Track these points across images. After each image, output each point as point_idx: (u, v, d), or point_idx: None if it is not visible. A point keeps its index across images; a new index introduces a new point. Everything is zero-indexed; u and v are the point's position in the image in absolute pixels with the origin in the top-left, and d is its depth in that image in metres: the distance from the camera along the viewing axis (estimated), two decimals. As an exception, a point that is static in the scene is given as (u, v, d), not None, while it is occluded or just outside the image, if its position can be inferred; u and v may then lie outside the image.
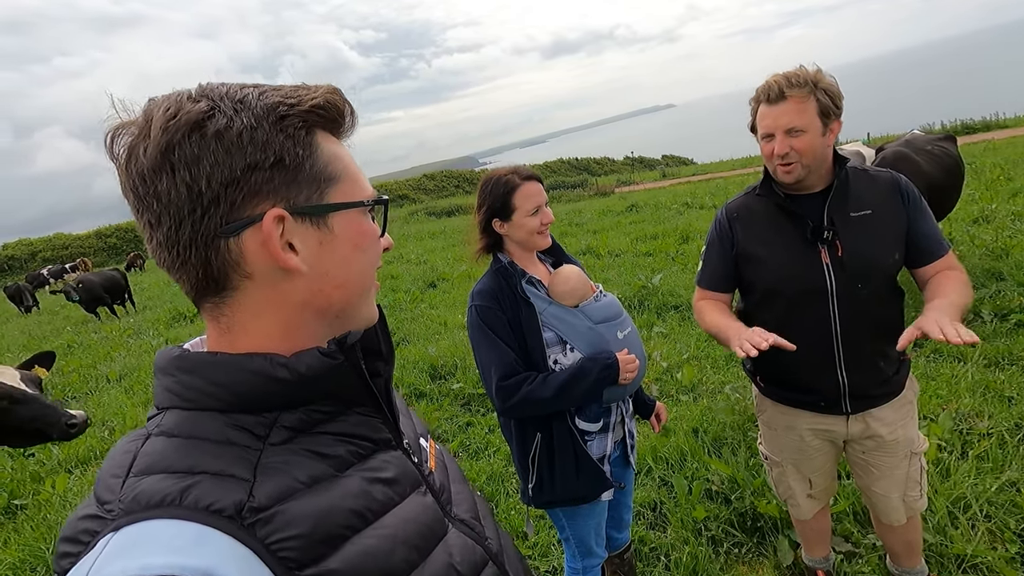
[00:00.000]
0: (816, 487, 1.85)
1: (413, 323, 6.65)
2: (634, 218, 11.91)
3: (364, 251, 0.62)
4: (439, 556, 0.61)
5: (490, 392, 1.58)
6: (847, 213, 1.56)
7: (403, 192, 36.64)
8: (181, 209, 0.52)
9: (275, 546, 0.49)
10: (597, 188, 22.17)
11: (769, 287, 1.66)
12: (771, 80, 1.52)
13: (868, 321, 1.58)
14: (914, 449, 1.70)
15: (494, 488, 3.09)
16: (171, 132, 0.51)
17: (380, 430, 0.64)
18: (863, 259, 1.54)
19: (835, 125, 1.53)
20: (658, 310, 5.55)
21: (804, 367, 1.65)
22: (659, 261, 7.51)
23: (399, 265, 11.10)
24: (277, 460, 0.54)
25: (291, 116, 0.55)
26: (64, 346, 9.08)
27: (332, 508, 0.54)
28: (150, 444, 0.54)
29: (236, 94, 0.55)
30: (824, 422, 1.71)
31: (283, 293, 0.58)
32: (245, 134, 0.53)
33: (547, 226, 1.64)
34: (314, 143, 0.57)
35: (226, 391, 0.55)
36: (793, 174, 1.53)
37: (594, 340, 1.61)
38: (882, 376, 1.62)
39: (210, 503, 0.48)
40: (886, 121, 27.65)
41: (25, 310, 15.26)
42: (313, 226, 0.57)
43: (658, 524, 2.61)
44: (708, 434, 3.12)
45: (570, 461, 1.63)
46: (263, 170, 0.54)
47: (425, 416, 4.09)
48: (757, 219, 1.67)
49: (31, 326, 12.44)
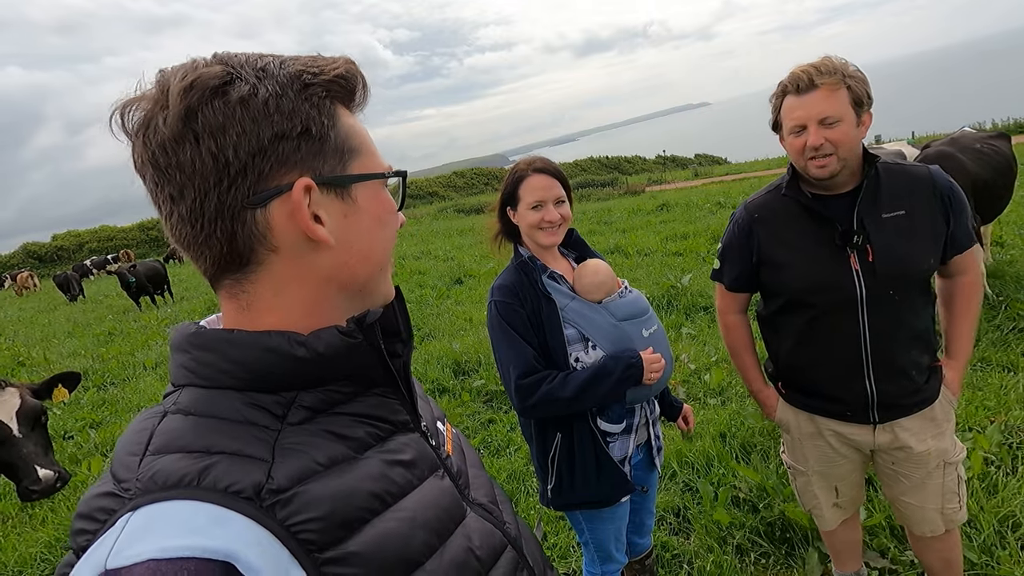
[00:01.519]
0: (843, 496, 1.76)
1: (438, 319, 6.68)
2: (664, 217, 11.71)
3: (385, 224, 0.61)
4: (458, 540, 0.60)
5: (509, 391, 1.55)
6: (879, 214, 1.46)
7: (433, 189, 36.93)
8: (207, 180, 0.50)
9: (295, 528, 0.48)
10: (627, 187, 21.90)
11: (793, 295, 1.57)
12: (797, 70, 1.44)
13: (900, 329, 1.49)
14: (948, 459, 1.59)
15: (514, 487, 3.06)
16: (191, 98, 0.49)
17: (399, 412, 0.63)
18: (896, 264, 1.44)
19: (866, 117, 1.44)
20: (687, 311, 5.43)
21: (830, 376, 1.58)
22: (689, 261, 7.35)
23: (426, 261, 11.17)
24: (295, 440, 0.53)
25: (315, 85, 0.54)
26: (105, 333, 9.44)
27: (352, 490, 0.52)
28: (167, 422, 0.52)
29: (257, 62, 0.53)
30: (850, 431, 1.63)
31: (308, 267, 0.56)
32: (272, 101, 0.51)
33: (552, 224, 1.57)
34: (336, 115, 0.57)
35: (243, 369, 0.54)
36: (829, 167, 1.43)
37: (618, 338, 1.56)
38: (914, 385, 1.53)
39: (229, 484, 0.47)
40: (934, 120, 26.55)
41: (71, 298, 15.94)
42: (338, 198, 0.56)
43: (681, 530, 2.53)
44: (736, 439, 3.02)
45: (591, 463, 1.58)
46: (291, 139, 0.52)
47: (447, 412, 4.08)
48: (780, 222, 1.57)
49: (76, 314, 12.98)
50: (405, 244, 14.74)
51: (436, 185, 37.88)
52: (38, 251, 31.61)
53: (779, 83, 1.50)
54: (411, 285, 8.87)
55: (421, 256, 12.00)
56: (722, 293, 1.77)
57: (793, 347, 1.62)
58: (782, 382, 1.74)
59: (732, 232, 1.67)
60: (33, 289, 20.73)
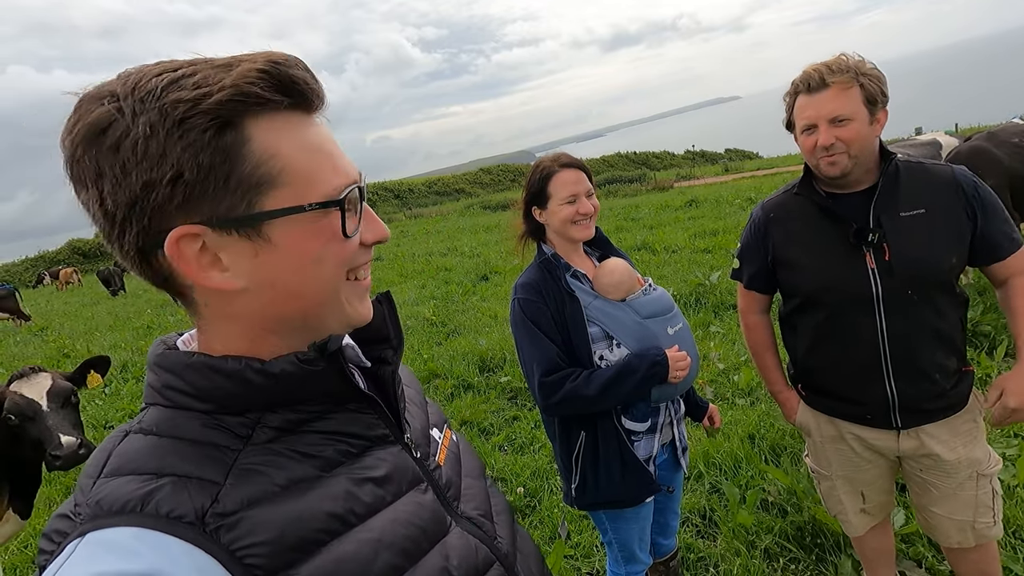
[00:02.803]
0: (870, 501, 1.69)
1: (464, 315, 6.71)
2: (693, 213, 11.51)
3: (320, 258, 0.53)
4: (433, 560, 0.57)
5: (532, 388, 1.54)
6: (896, 212, 1.42)
7: (460, 186, 37.13)
8: (103, 226, 0.50)
9: (240, 552, 0.47)
10: (655, 182, 21.60)
11: (808, 294, 1.55)
12: (809, 69, 1.42)
13: (920, 330, 1.44)
14: (982, 470, 1.51)
15: (538, 484, 3.05)
16: (73, 145, 0.48)
17: (375, 426, 0.61)
18: (914, 263, 1.40)
19: (881, 115, 1.42)
20: (715, 309, 5.33)
21: (848, 378, 1.54)
22: (718, 258, 7.21)
23: (452, 257, 11.24)
24: (256, 461, 0.52)
25: (192, 118, 0.47)
26: (144, 327, 9.78)
27: (307, 512, 0.51)
28: (126, 442, 0.53)
29: (147, 84, 0.47)
30: (872, 435, 1.58)
31: (230, 307, 0.54)
32: (139, 145, 0.46)
33: (586, 216, 1.56)
34: (233, 143, 0.48)
35: (204, 393, 0.53)
36: (839, 165, 1.41)
37: (642, 335, 1.53)
38: (937, 389, 1.47)
39: (170, 509, 0.47)
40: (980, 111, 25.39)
41: (113, 293, 16.55)
42: (243, 238, 0.50)
43: (707, 533, 2.49)
44: (766, 441, 2.95)
45: (615, 462, 1.56)
46: (161, 187, 0.47)
47: (471, 408, 4.10)
48: (795, 220, 1.56)
49: (117, 307, 13.48)
50: (431, 241, 14.86)
51: (463, 182, 38.06)
52: (83, 247, 32.90)
53: (792, 82, 1.49)
54: (437, 282, 8.94)
55: (447, 253, 12.07)
56: (743, 293, 1.76)
57: (810, 347, 1.60)
58: (802, 384, 1.71)
59: (749, 232, 1.67)
60: (77, 284, 21.60)
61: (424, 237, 16.22)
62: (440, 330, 6.27)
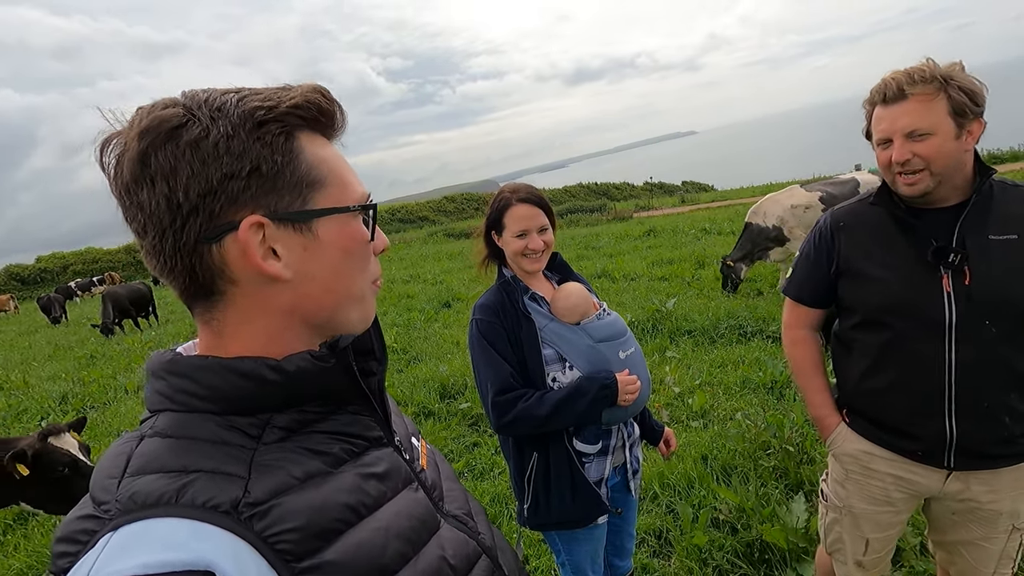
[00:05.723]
0: (871, 553, 1.57)
1: (425, 342, 6.67)
2: (651, 242, 11.88)
3: (352, 256, 0.61)
4: (431, 550, 0.62)
5: (486, 407, 1.57)
6: (985, 235, 1.29)
7: (424, 214, 37.11)
8: (162, 220, 0.53)
9: (272, 539, 0.50)
10: (616, 213, 22.17)
11: (872, 311, 1.42)
12: (888, 77, 1.30)
13: (995, 366, 1.31)
14: (1019, 524, 1.42)
15: (497, 510, 3.05)
16: (146, 142, 0.52)
17: (372, 428, 0.65)
18: (997, 292, 1.28)
19: (974, 126, 1.28)
20: (671, 334, 5.49)
21: (904, 408, 1.41)
22: (674, 286, 7.46)
23: (415, 285, 11.19)
24: (271, 458, 0.55)
25: (269, 122, 0.55)
26: (87, 356, 9.29)
27: (327, 502, 0.55)
28: (144, 445, 0.54)
29: (215, 101, 0.55)
30: (915, 472, 1.44)
31: (270, 299, 0.58)
32: (222, 143, 0.53)
33: (535, 252, 1.61)
34: (295, 148, 0.57)
35: (217, 394, 0.56)
36: (918, 186, 1.29)
37: (594, 359, 1.59)
38: (1005, 433, 1.33)
39: (207, 499, 0.49)
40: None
41: (54, 321, 15.69)
42: (296, 232, 0.57)
43: (662, 552, 2.54)
44: (718, 461, 3.05)
45: (566, 483, 1.60)
46: (240, 179, 0.54)
47: (432, 436, 4.07)
48: (867, 231, 1.43)
49: (58, 336, 12.77)
50: (394, 268, 14.75)
51: (426, 209, 38.09)
52: (21, 273, 31.15)
53: (871, 90, 1.36)
54: (399, 309, 8.87)
55: (410, 280, 12.01)
56: (791, 307, 1.63)
57: (866, 371, 1.46)
58: (847, 408, 1.57)
59: (812, 239, 1.54)
60: (13, 312, 20.38)
61: (387, 264, 16.10)
62: (402, 357, 6.21)
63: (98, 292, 12.82)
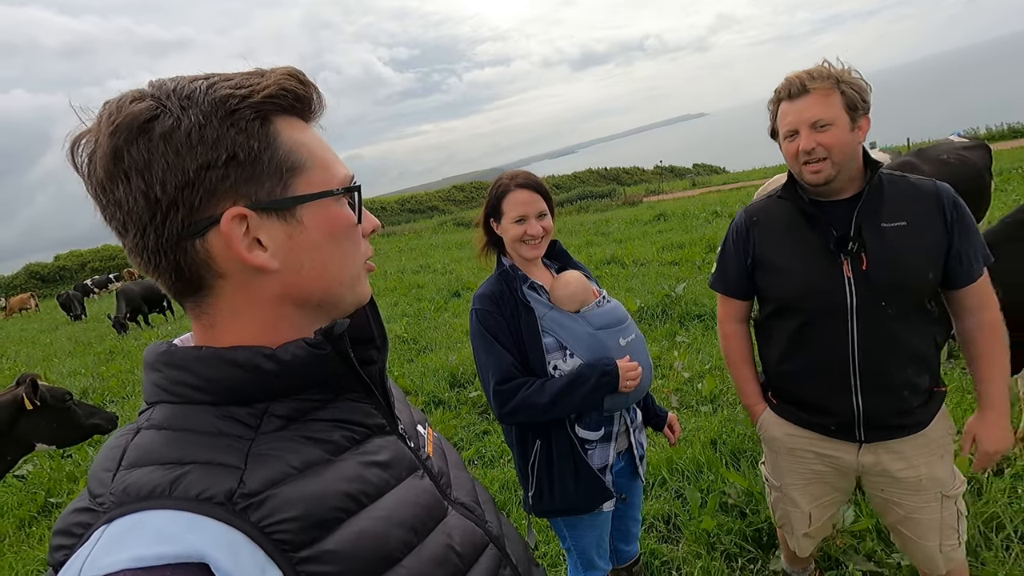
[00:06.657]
0: (815, 522, 1.71)
1: (435, 332, 6.71)
2: (661, 227, 11.78)
3: (340, 240, 0.60)
4: (437, 537, 0.61)
5: (488, 396, 1.58)
6: (878, 223, 1.42)
7: (432, 203, 37.16)
8: (142, 216, 0.52)
9: (269, 529, 0.49)
10: (626, 198, 22.01)
11: (784, 299, 1.55)
12: (791, 76, 1.43)
13: (893, 344, 1.43)
14: (946, 491, 1.51)
15: (506, 497, 3.07)
16: (117, 138, 0.51)
17: (373, 416, 0.65)
18: (891, 275, 1.40)
19: (864, 122, 1.41)
20: (681, 319, 5.45)
21: (817, 387, 1.54)
22: (684, 270, 7.39)
23: (425, 275, 11.23)
24: (269, 447, 0.55)
25: (242, 108, 0.53)
26: (106, 352, 9.48)
27: (326, 491, 0.54)
28: (140, 437, 0.54)
29: (184, 89, 0.53)
30: (832, 447, 1.59)
31: (259, 289, 0.57)
32: (194, 133, 0.51)
33: (533, 237, 1.60)
34: (272, 132, 0.55)
35: (213, 385, 0.55)
36: (822, 173, 1.41)
37: (594, 346, 1.58)
38: (904, 406, 1.46)
39: (200, 491, 0.49)
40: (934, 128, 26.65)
41: (74, 318, 16.00)
42: (280, 220, 0.56)
43: (671, 537, 2.54)
44: (727, 446, 3.04)
45: (569, 470, 1.60)
46: (217, 168, 0.52)
47: (442, 424, 4.11)
48: (776, 225, 1.56)
49: (78, 333, 13.03)
50: (404, 258, 14.82)
51: (436, 199, 38.10)
52: (41, 271, 31.76)
53: (775, 90, 1.50)
54: (410, 299, 8.92)
55: (420, 270, 12.05)
56: (722, 301, 1.75)
57: (783, 355, 1.60)
58: (772, 391, 1.71)
59: (731, 235, 1.67)
60: (33, 310, 20.82)
61: (397, 255, 16.17)
62: (412, 347, 6.25)
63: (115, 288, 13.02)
